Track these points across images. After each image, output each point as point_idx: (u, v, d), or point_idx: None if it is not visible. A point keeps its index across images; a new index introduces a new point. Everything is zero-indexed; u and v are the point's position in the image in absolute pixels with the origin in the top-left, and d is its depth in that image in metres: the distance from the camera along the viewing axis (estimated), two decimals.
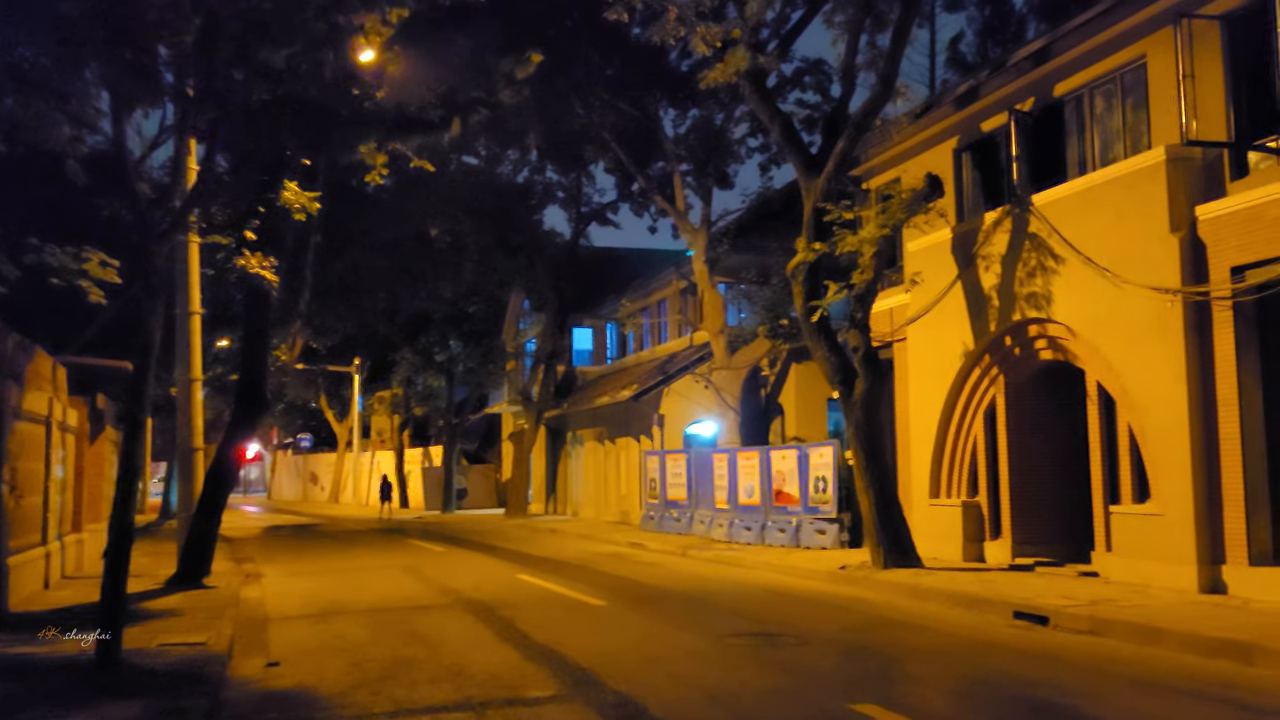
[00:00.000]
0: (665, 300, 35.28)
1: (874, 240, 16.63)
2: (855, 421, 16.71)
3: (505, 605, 13.65)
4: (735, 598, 14.43)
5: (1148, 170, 13.70)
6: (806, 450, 21.89)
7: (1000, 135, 17.65)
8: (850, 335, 16.97)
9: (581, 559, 21.11)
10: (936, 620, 12.28)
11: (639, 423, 32.09)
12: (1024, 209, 15.96)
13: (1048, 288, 15.54)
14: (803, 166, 17.91)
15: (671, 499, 27.36)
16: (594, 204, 39.32)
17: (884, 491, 16.49)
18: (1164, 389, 13.46)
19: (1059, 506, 16.92)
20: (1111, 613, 11.56)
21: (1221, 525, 12.89)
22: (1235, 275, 12.82)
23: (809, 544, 21.24)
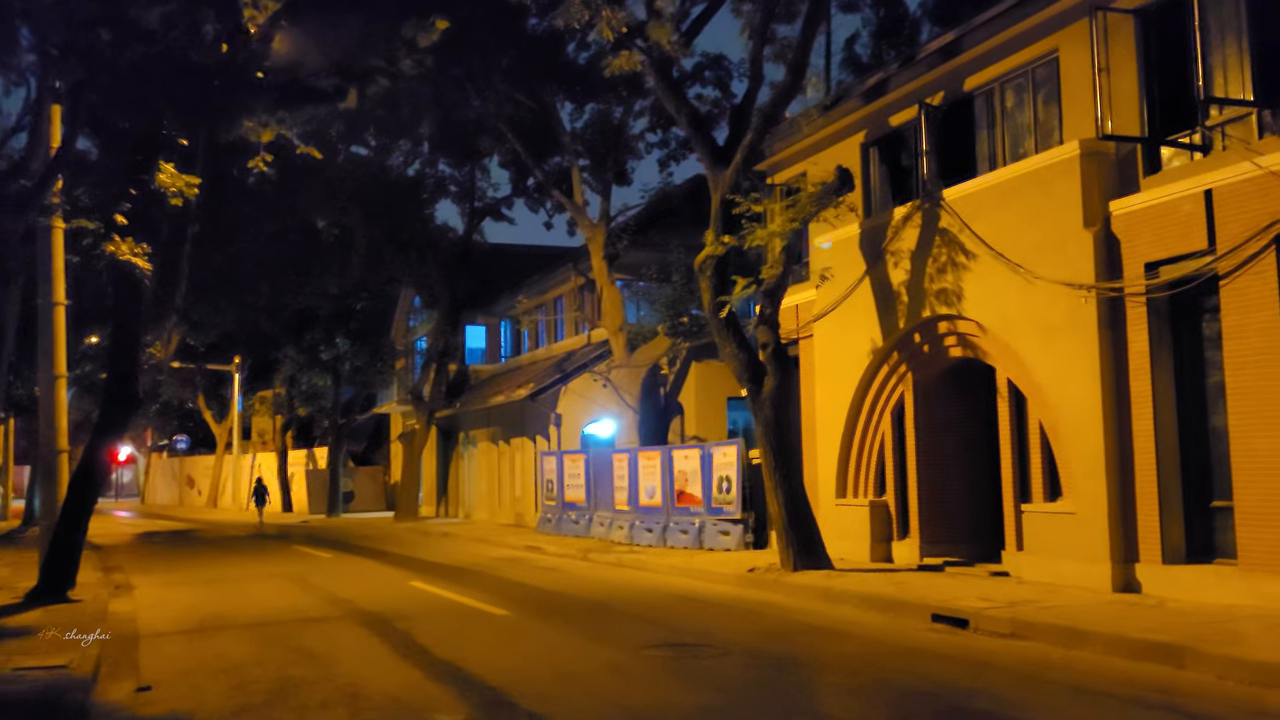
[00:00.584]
0: (562, 297, 34.57)
1: (783, 234, 16.23)
2: (764, 420, 16.28)
3: (402, 616, 12.80)
4: (645, 604, 13.83)
5: (1062, 165, 13.53)
6: (710, 450, 21.44)
7: (909, 130, 17.43)
8: (759, 331, 16.53)
9: (478, 564, 20.28)
10: (854, 625, 11.86)
11: (535, 422, 31.31)
12: (934, 204, 15.73)
13: (958, 284, 15.32)
14: (710, 158, 17.42)
15: (569, 500, 26.67)
16: (488, 199, 38.39)
17: (794, 491, 16.08)
18: (1077, 386, 13.30)
19: (967, 506, 16.75)
20: (1031, 614, 11.29)
21: (1135, 523, 12.77)
22: (1149, 271, 12.71)
23: (712, 545, 20.78)
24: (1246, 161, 11.44)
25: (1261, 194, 11.28)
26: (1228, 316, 11.70)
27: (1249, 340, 11.41)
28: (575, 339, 32.89)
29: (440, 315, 37.64)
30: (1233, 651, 9.03)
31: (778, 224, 16.19)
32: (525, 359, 37.02)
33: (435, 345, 37.74)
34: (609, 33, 16.98)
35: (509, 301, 37.86)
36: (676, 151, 31.60)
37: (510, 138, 29.30)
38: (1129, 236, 12.91)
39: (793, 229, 16.26)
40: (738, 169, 16.96)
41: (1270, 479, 11.12)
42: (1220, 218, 11.74)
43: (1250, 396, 11.37)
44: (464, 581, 16.80)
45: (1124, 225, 12.97)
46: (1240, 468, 11.48)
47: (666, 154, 31.58)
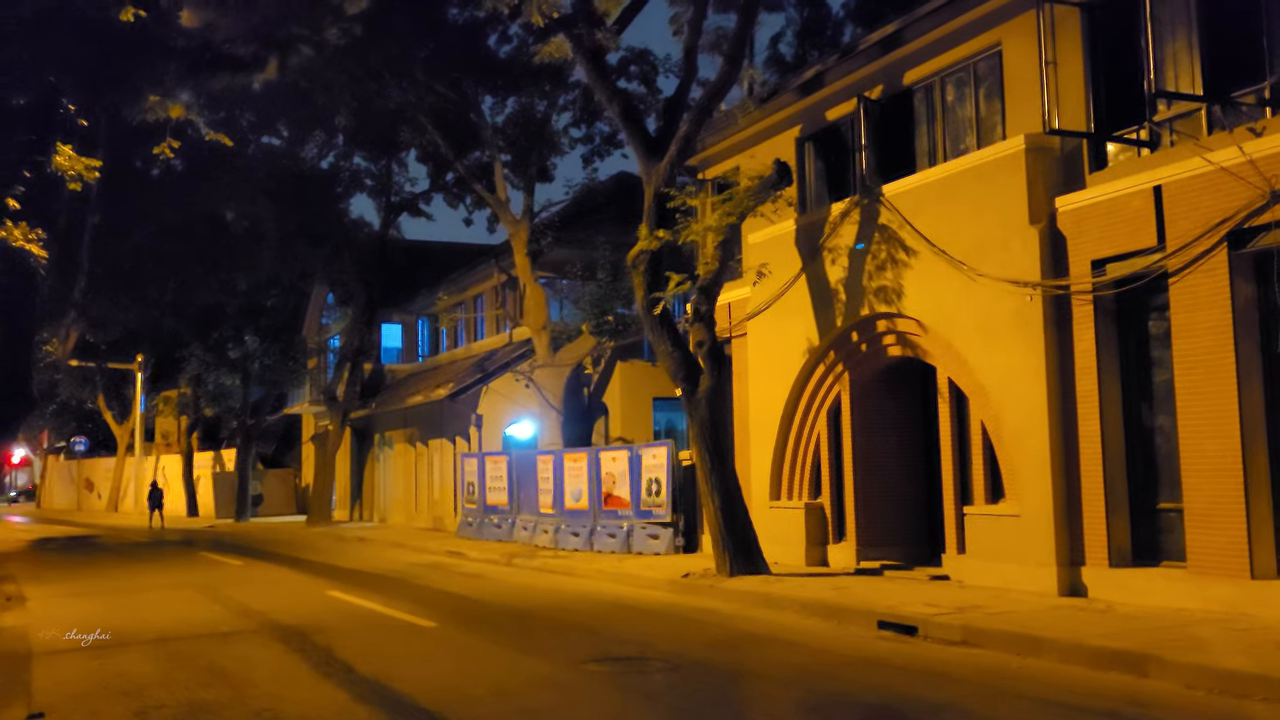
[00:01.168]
0: (482, 295, 33.75)
1: (720, 229, 15.75)
2: (699, 420, 15.77)
3: (321, 630, 12.00)
4: (579, 613, 13.22)
5: (1007, 160, 13.26)
6: (639, 451, 20.89)
7: (846, 124, 17.10)
8: (694, 329, 16.02)
9: (398, 571, 19.45)
10: (799, 633, 11.40)
11: (455, 423, 30.45)
12: (874, 199, 15.38)
13: (898, 281, 14.99)
14: (643, 150, 16.87)
15: (492, 504, 25.91)
16: (406, 193, 37.37)
17: (730, 494, 15.60)
18: (1022, 386, 13.03)
19: (905, 508, 16.44)
20: (981, 620, 10.94)
21: (1081, 526, 12.52)
22: (1096, 269, 12.48)
23: (641, 550, 20.24)
24: (1197, 157, 11.24)
25: (1213, 190, 11.09)
26: (1177, 315, 11.49)
27: (1199, 339, 11.21)
28: (496, 338, 32.11)
29: (355, 312, 36.52)
30: (1197, 659, 8.74)
31: (714, 218, 15.71)
32: (444, 358, 36.09)
33: (350, 344, 36.60)
34: (539, 18, 16.34)
35: (427, 299, 36.88)
36: (601, 147, 31.00)
37: (430, 129, 28.41)
38: (1076, 233, 12.66)
39: (729, 224, 15.78)
40: (672, 162, 16.45)
41: (1221, 480, 10.93)
42: (1170, 214, 11.53)
43: (1201, 396, 11.17)
44: (385, 590, 16.00)
45: (1070, 222, 12.73)
46: (1190, 469, 11.28)
47: (591, 150, 30.96)
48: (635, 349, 27.93)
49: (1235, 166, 10.83)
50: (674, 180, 16.62)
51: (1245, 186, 10.75)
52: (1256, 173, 10.62)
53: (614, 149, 30.96)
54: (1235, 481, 10.81)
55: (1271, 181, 10.48)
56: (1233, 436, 10.84)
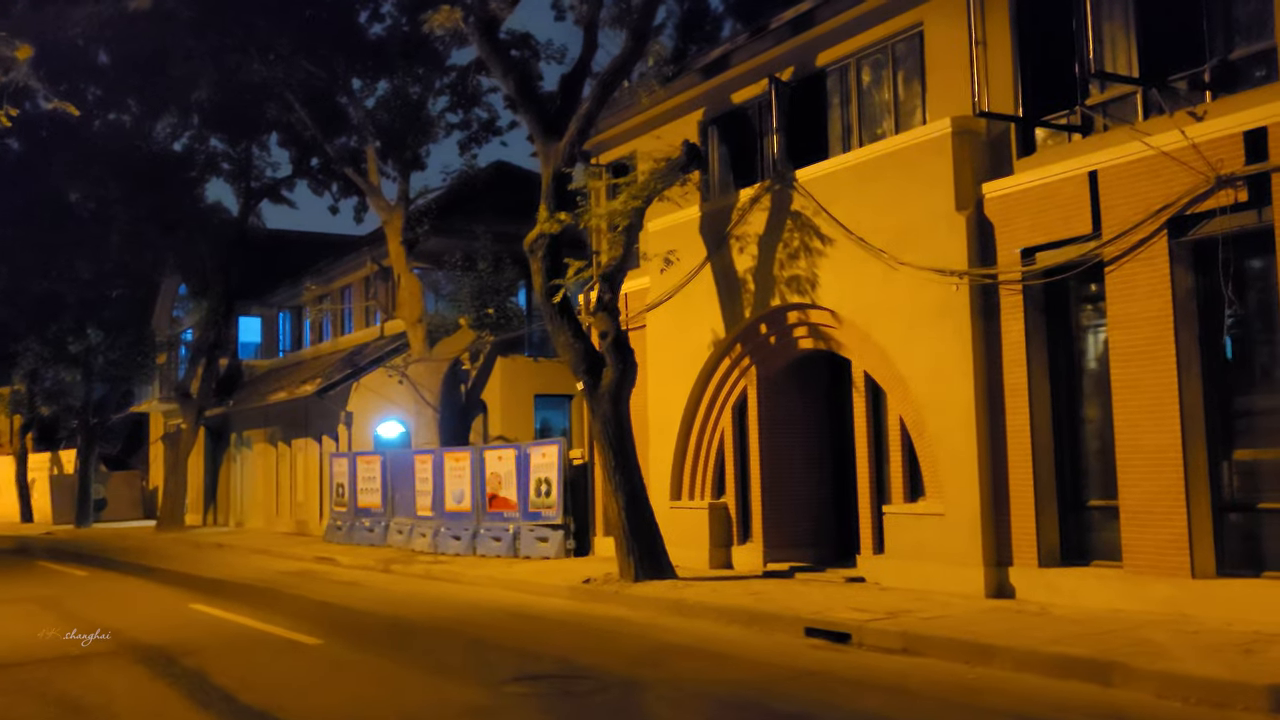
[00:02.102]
0: (351, 286, 32.07)
1: (625, 213, 14.86)
2: (602, 415, 14.82)
3: (189, 650, 10.60)
4: (480, 625, 12.13)
5: (931, 144, 12.71)
6: (527, 450, 19.82)
7: (753, 107, 16.40)
8: (597, 319, 15.08)
9: (266, 580, 17.93)
10: (725, 644, 10.57)
11: (322, 421, 28.76)
12: (787, 185, 14.71)
13: (812, 271, 14.34)
14: (540, 129, 15.84)
15: (363, 506, 24.43)
16: (267, 178, 35.32)
17: (635, 494, 14.70)
18: (947, 379, 12.50)
19: (813, 508, 15.83)
20: (917, 626, 10.29)
21: (1008, 524, 12.04)
22: (1026, 257, 12.02)
23: (529, 554, 19.18)
24: (1135, 142, 10.84)
25: (1153, 176, 10.70)
26: (1113, 305, 11.08)
27: (1137, 330, 10.81)
28: (366, 331, 30.51)
29: (211, 304, 34.30)
30: (1163, 666, 8.23)
31: (619, 201, 14.80)
32: (308, 353, 34.25)
33: (205, 337, 34.39)
34: None
35: (290, 291, 34.97)
36: (478, 134, 29.68)
37: (297, 107, 26.70)
38: (1004, 221, 12.19)
39: (635, 208, 14.89)
40: (572, 141, 15.46)
41: (1160, 475, 10.54)
42: (1107, 200, 11.12)
43: (1138, 390, 10.77)
44: (256, 602, 14.56)
45: (999, 209, 12.25)
46: (1127, 465, 10.87)
47: (468, 136, 29.59)
48: (517, 344, 26.85)
49: (1177, 151, 10.46)
50: (574, 161, 15.64)
51: (1188, 172, 10.38)
52: (1200, 158, 10.26)
53: (493, 136, 29.63)
54: (1175, 477, 10.43)
55: (1216, 167, 10.12)
56: (1173, 431, 10.46)
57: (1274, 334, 10.12)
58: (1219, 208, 10.18)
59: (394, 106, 27.64)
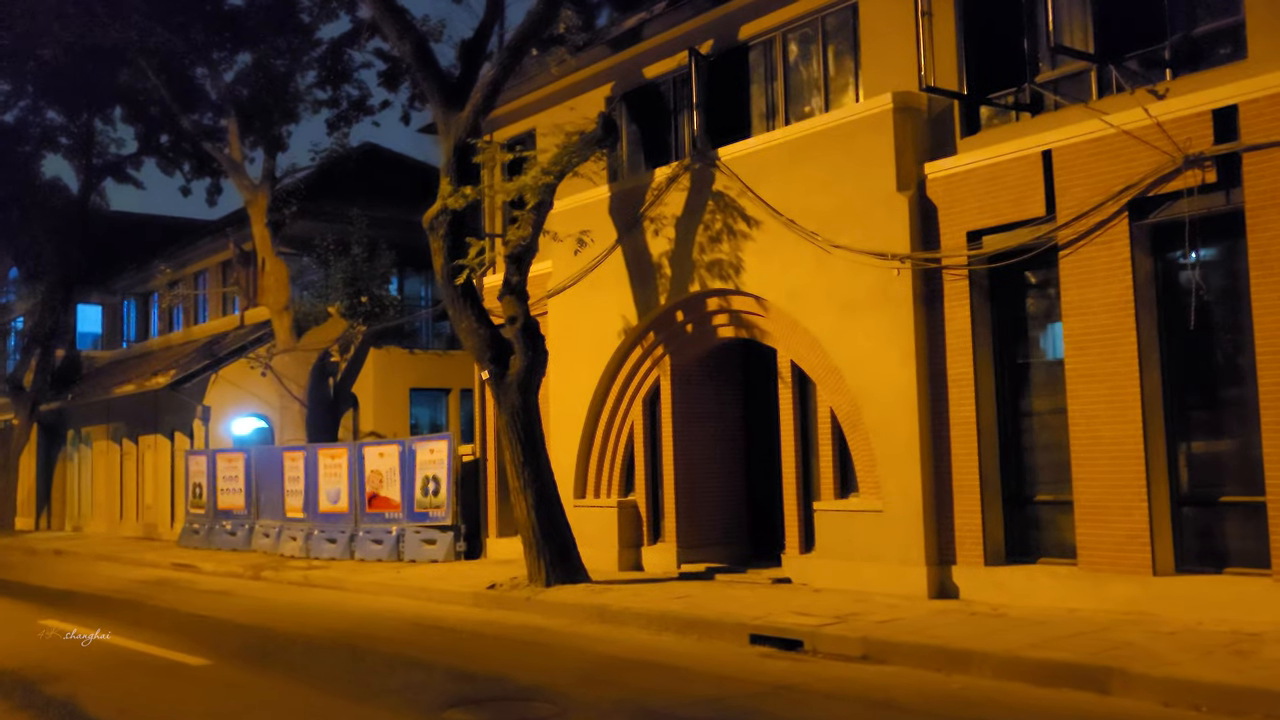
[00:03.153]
0: (207, 272, 29.95)
1: (536, 189, 13.77)
2: (510, 407, 13.72)
3: (53, 676, 9.09)
4: (384, 638, 10.89)
5: (871, 120, 12.06)
6: (413, 446, 18.51)
7: (668, 82, 15.54)
8: (505, 303, 13.95)
9: (122, 590, 16.19)
10: (671, 655, 9.66)
11: (175, 416, 26.64)
12: (709, 164, 13.88)
13: (736, 255, 13.56)
14: (441, 98, 14.63)
15: (225, 508, 22.61)
16: (111, 155, 32.74)
17: (546, 491, 13.65)
18: (886, 368, 11.86)
19: (729, 505, 15.07)
20: (874, 631, 9.59)
21: (951, 521, 11.47)
22: (971, 241, 11.46)
23: (415, 557, 17.89)
24: (1094, 120, 10.38)
25: (1113, 156, 10.25)
26: (1068, 291, 10.60)
27: (1094, 317, 10.35)
28: (225, 320, 28.49)
29: (47, 290, 31.62)
30: (1162, 671, 7.66)
31: (530, 177, 13.71)
32: (156, 343, 31.89)
33: (41, 325, 31.68)
34: None
35: (136, 277, 32.57)
36: (348, 113, 27.96)
37: (151, 75, 24.61)
38: (948, 202, 11.61)
39: (546, 183, 13.83)
40: (477, 110, 14.30)
41: (1120, 469, 10.09)
42: (1062, 181, 10.63)
43: (1095, 379, 10.30)
44: (117, 616, 12.94)
45: (942, 190, 11.67)
46: (1083, 457, 10.39)
47: (337, 114, 27.89)
48: (391, 334, 25.39)
49: (1140, 130, 10.02)
50: (478, 133, 14.48)
51: (1151, 152, 9.95)
52: (1165, 137, 9.83)
53: (364, 115, 28.00)
54: (1136, 470, 9.99)
55: (1184, 147, 9.71)
56: (1134, 421, 10.02)
57: (1238, 320, 9.76)
58: (1185, 189, 9.77)
59: (258, 80, 25.82)
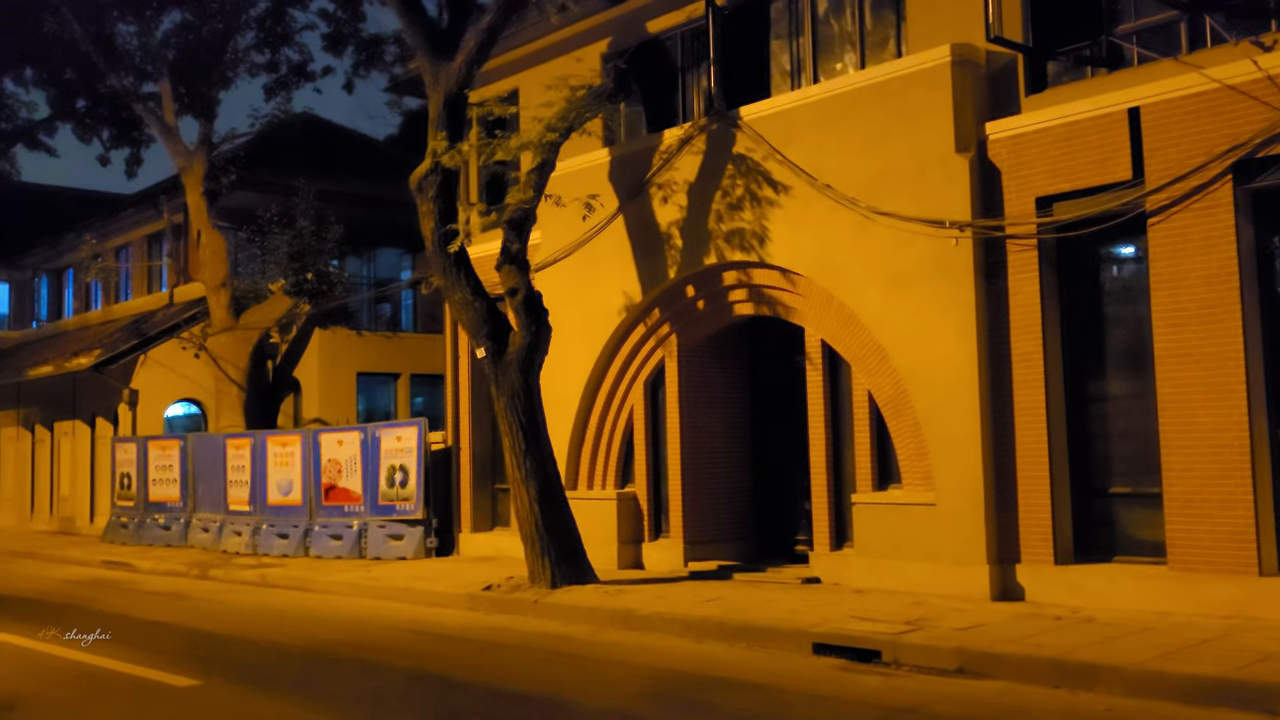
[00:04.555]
0: (131, 246, 27.80)
1: (540, 146, 12.41)
2: (509, 388, 12.34)
3: (11, 700, 7.52)
4: (386, 649, 9.48)
5: (926, 75, 10.95)
6: (376, 434, 16.97)
7: (673, 38, 14.29)
8: (504, 273, 12.56)
9: (55, 591, 14.42)
10: (734, 668, 8.47)
11: (96, 401, 24.53)
12: (728, 124, 12.68)
13: (760, 224, 12.37)
14: (429, 46, 13.16)
15: (157, 500, 20.76)
16: (22, 120, 30.23)
17: (550, 483, 12.32)
18: (941, 348, 10.78)
19: (737, 498, 13.91)
20: (961, 639, 8.51)
21: (1015, 516, 10.44)
22: (1041, 207, 10.44)
23: (380, 554, 16.38)
24: (1190, 74, 9.41)
25: (1214, 114, 9.29)
26: (1159, 262, 9.62)
27: (1190, 291, 9.39)
28: (151, 298, 26.42)
29: None
30: None
31: (534, 133, 12.35)
32: (71, 323, 29.61)
33: None
34: None
35: (49, 252, 30.28)
36: (288, 78, 26.11)
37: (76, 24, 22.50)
38: (1014, 165, 10.57)
39: (551, 141, 12.48)
40: (470, 60, 12.87)
41: (1220, 459, 9.15)
42: (1152, 142, 9.65)
43: (1191, 360, 9.34)
44: (60, 623, 11.21)
45: (1007, 152, 10.62)
46: (1175, 446, 9.43)
47: (276, 80, 26.00)
48: (337, 315, 23.67)
49: (1247, 85, 9.07)
50: (470, 83, 13.05)
51: (1259, 109, 9.02)
52: (1277, 91, 8.89)
53: (305, 81, 26.17)
54: (1239, 460, 9.06)
55: None
56: (1237, 407, 9.08)
57: None
58: None
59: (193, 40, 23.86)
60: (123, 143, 28.17)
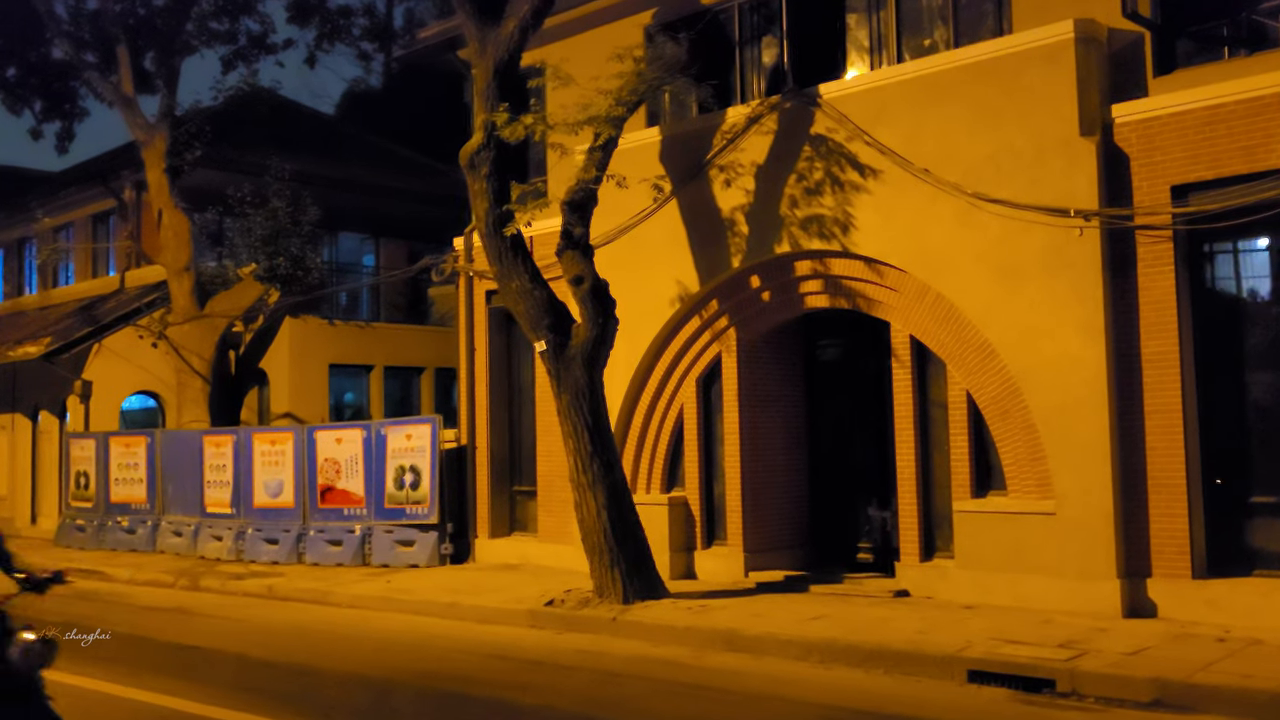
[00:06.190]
0: (73, 226, 25.82)
1: (606, 120, 11.35)
2: (573, 386, 11.27)
3: None
4: (485, 681, 8.41)
5: (1045, 52, 10.18)
6: (382, 431, 15.71)
7: (728, 10, 13.35)
8: (567, 260, 11.48)
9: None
10: (892, 700, 7.65)
11: (40, 393, 22.64)
12: (807, 103, 11.77)
13: (844, 210, 11.49)
14: (474, 10, 12.00)
15: (119, 501, 19.12)
16: None
17: (618, 488, 11.29)
18: (1062, 346, 10.03)
19: (795, 503, 13.04)
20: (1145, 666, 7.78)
21: (1146, 526, 9.76)
22: (1177, 197, 9.75)
23: (387, 561, 15.16)
24: None
25: None
26: None
27: None
28: (98, 282, 24.54)
29: None
30: None
31: (603, 105, 11.28)
32: (4, 307, 27.47)
33: None
34: None
35: None
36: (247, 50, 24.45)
37: None
38: (1145, 151, 9.86)
39: (618, 116, 11.43)
40: (525, 24, 11.75)
41: None
42: None
43: None
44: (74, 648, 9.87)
45: (1137, 136, 9.91)
46: None
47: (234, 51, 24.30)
48: (311, 302, 22.19)
49: None
50: (522, 48, 11.93)
51: None
52: None
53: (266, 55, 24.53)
54: None
55: None
56: None
57: None
58: None
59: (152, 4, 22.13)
60: (54, 115, 26.17)
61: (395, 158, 26.91)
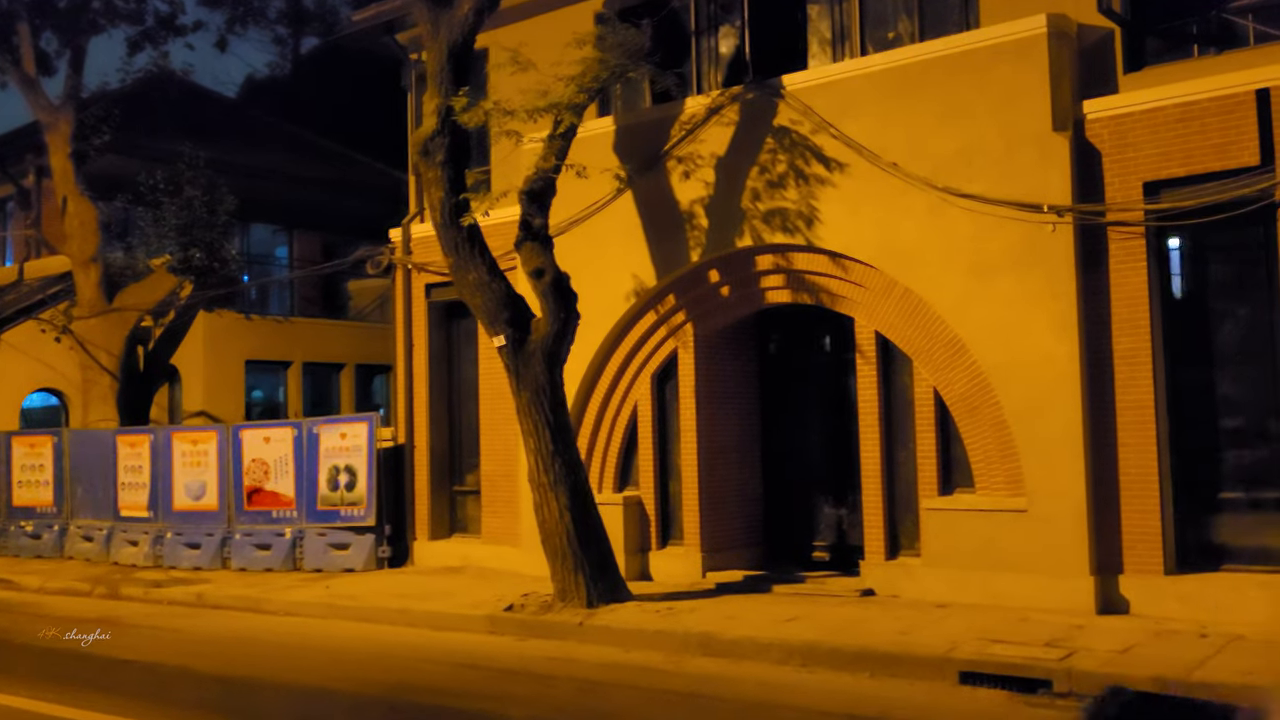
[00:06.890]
0: None
1: (570, 107, 10.96)
2: (533, 383, 10.85)
3: None
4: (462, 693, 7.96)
5: (1017, 46, 10.11)
6: (314, 430, 15.05)
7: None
8: (526, 252, 11.06)
9: None
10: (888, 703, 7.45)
11: None
12: (770, 94, 11.54)
13: (809, 203, 11.30)
14: None
15: (22, 505, 18.03)
16: None
17: (580, 488, 10.91)
18: (1034, 342, 9.97)
19: (749, 501, 12.83)
20: (1128, 664, 7.74)
21: (1118, 523, 9.75)
22: (1149, 193, 9.76)
23: (321, 565, 14.53)
24: None
25: None
26: None
27: None
28: None
29: None
30: None
31: (565, 92, 10.88)
32: None
33: None
34: None
35: None
36: (154, 31, 23.35)
37: None
38: (1117, 147, 9.85)
39: (578, 103, 11.04)
40: (481, 6, 11.28)
41: None
42: None
43: None
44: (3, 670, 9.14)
45: (1109, 132, 9.90)
46: None
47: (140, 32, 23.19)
48: (226, 296, 21.24)
49: None
50: (476, 31, 11.46)
51: None
52: None
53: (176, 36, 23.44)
54: None
55: None
56: None
57: None
58: None
59: None
60: None
61: (311, 146, 26.04)
